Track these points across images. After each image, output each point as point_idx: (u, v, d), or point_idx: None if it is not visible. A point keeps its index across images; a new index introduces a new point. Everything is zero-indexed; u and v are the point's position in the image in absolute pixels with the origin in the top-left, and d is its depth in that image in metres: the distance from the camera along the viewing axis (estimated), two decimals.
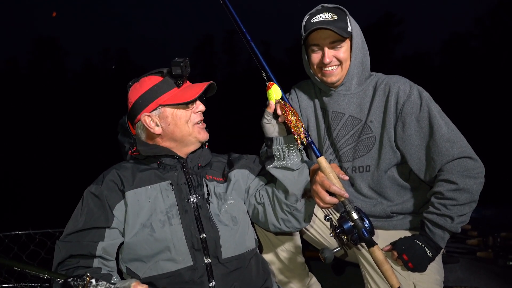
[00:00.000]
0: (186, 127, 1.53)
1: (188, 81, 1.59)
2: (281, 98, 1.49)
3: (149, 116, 1.52)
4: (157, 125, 1.53)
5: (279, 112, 1.47)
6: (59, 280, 1.11)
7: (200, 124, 1.58)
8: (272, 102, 1.49)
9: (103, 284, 1.07)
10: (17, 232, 2.33)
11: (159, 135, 1.54)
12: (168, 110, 1.52)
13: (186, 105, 1.52)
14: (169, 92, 1.52)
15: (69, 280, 1.07)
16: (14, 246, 2.33)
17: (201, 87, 1.53)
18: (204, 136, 1.58)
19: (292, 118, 1.46)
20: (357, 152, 1.79)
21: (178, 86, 1.53)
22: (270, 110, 1.49)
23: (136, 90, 1.55)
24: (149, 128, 1.53)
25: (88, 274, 1.09)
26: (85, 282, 1.06)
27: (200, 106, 1.57)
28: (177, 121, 1.52)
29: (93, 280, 1.07)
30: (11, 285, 2.31)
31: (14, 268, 1.16)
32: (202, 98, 1.59)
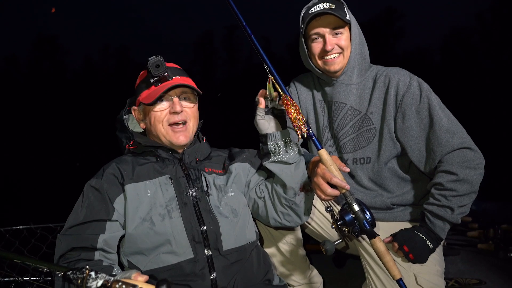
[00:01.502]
0: (160, 127, 1.52)
1: (175, 78, 1.52)
2: (282, 91, 1.49)
3: (136, 110, 1.60)
4: (142, 120, 1.59)
5: (280, 102, 1.48)
6: (59, 273, 1.11)
7: (178, 126, 1.53)
8: (262, 98, 1.51)
9: (103, 276, 1.06)
10: (18, 227, 2.34)
11: (145, 129, 1.61)
12: (146, 108, 1.54)
13: (153, 105, 1.50)
14: (146, 90, 1.53)
15: (69, 273, 1.06)
16: (16, 241, 2.34)
17: (167, 86, 1.48)
18: (178, 140, 1.52)
19: (293, 110, 1.46)
20: (358, 143, 1.79)
21: (155, 84, 1.51)
22: (262, 106, 1.50)
23: (136, 82, 1.61)
24: (138, 122, 1.61)
25: (88, 266, 1.07)
26: (84, 275, 1.04)
27: (176, 107, 1.49)
28: (151, 120, 1.54)
29: (92, 273, 1.06)
30: (12, 278, 2.32)
31: (15, 261, 1.15)
32: (199, 95, 1.58)
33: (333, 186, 1.50)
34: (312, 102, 1.91)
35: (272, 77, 1.50)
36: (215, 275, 1.41)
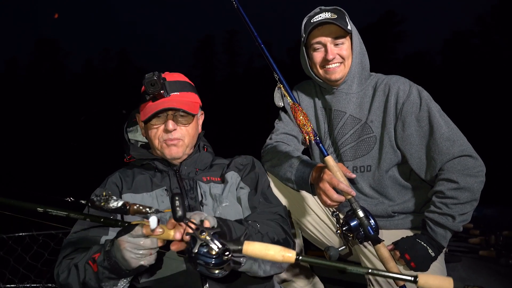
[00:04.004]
0: (155, 141, 1.53)
1: (173, 94, 1.50)
2: (290, 98, 1.55)
3: (139, 120, 1.60)
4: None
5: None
6: (83, 202, 1.17)
7: (171, 140, 1.51)
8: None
9: (122, 199, 1.13)
10: (20, 234, 2.34)
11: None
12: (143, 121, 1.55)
13: (148, 121, 1.50)
14: (143, 104, 1.53)
15: (92, 197, 1.13)
16: (18, 248, 2.34)
17: (162, 106, 1.46)
18: (172, 153, 1.52)
19: (301, 117, 1.50)
20: (358, 152, 1.79)
21: (152, 100, 1.49)
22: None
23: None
24: (142, 132, 1.62)
25: (110, 192, 1.14)
26: (108, 196, 1.12)
27: (168, 125, 1.48)
28: (148, 134, 1.55)
29: (114, 196, 1.14)
30: (13, 285, 2.32)
31: (37, 209, 1.20)
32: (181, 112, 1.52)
33: (338, 192, 1.51)
34: (313, 110, 1.92)
35: (281, 85, 1.54)
36: (207, 286, 1.40)
